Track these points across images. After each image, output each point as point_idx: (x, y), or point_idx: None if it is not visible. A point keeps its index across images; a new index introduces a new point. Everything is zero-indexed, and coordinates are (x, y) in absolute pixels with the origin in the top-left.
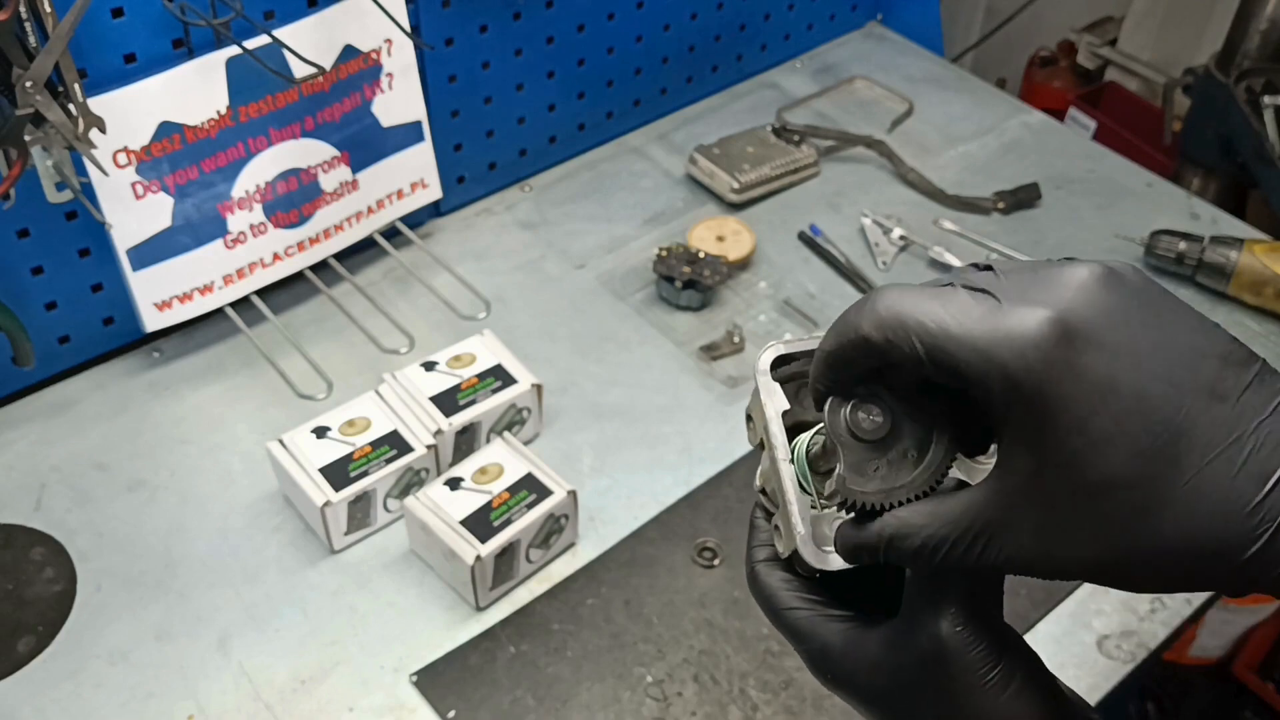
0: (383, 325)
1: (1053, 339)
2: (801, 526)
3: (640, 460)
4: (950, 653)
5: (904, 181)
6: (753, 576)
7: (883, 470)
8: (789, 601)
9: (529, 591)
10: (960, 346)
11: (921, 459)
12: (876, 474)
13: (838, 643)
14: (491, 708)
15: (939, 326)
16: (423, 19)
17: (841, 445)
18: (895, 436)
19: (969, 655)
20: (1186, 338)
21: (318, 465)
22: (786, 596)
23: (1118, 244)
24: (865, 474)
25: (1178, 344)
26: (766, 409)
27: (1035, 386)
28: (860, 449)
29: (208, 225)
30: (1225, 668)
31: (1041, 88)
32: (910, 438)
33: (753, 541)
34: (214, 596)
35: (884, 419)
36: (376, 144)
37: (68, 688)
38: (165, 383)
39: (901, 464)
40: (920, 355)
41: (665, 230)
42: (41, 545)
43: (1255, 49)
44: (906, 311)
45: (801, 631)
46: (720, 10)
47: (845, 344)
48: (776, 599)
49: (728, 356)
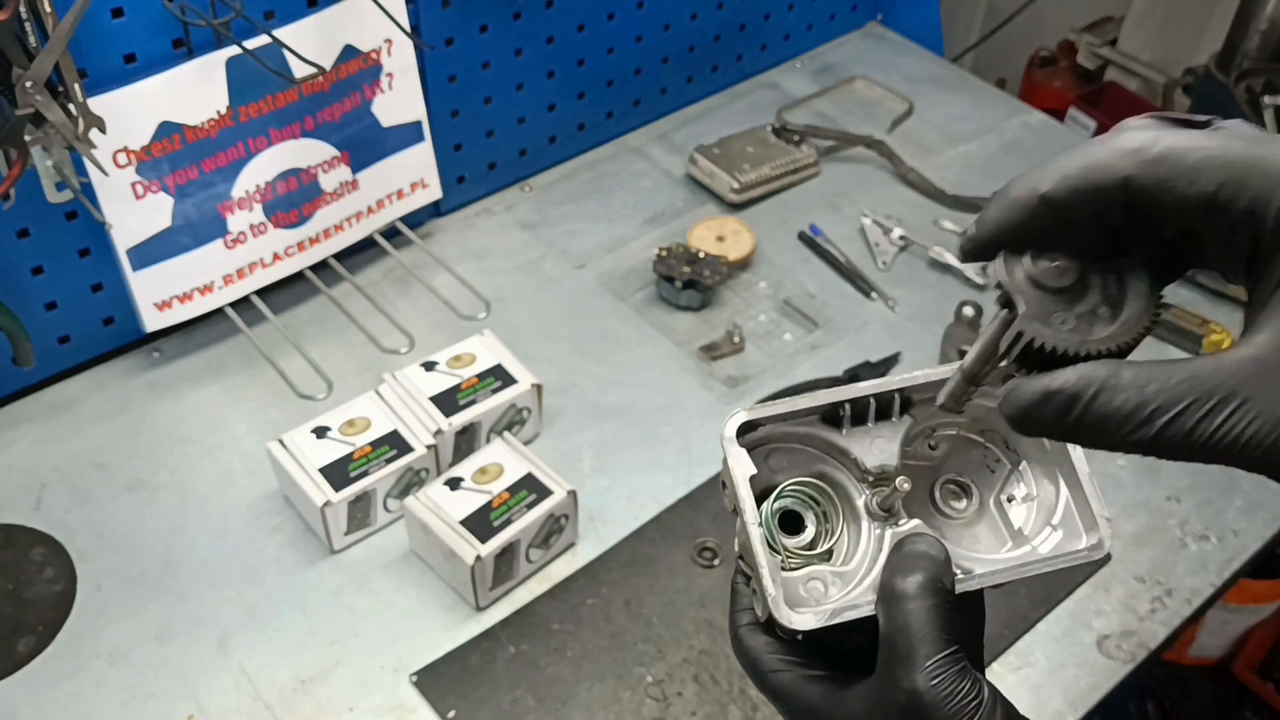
0: (383, 325)
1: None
2: (772, 588)
3: (640, 460)
4: (928, 706)
5: (904, 181)
6: (736, 640)
7: (1070, 323)
8: (771, 664)
9: (529, 591)
10: (1237, 175)
11: (1116, 316)
12: (1064, 327)
13: (820, 702)
14: (491, 708)
15: (1210, 157)
16: (423, 19)
17: (1021, 295)
18: (1081, 289)
19: (947, 708)
20: None
21: (318, 465)
22: (769, 659)
23: None
24: (1051, 325)
25: None
26: (734, 474)
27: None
28: (1043, 299)
29: (208, 225)
30: (1225, 668)
31: (1041, 88)
32: (1099, 293)
33: (735, 606)
34: (214, 596)
35: (1073, 266)
36: (376, 144)
37: (68, 688)
38: (165, 383)
39: (1093, 320)
40: (1197, 192)
41: (665, 230)
42: (41, 545)
43: (1255, 49)
44: (1169, 145)
45: (785, 693)
46: (720, 10)
47: (1068, 187)
48: (760, 662)
49: (728, 356)
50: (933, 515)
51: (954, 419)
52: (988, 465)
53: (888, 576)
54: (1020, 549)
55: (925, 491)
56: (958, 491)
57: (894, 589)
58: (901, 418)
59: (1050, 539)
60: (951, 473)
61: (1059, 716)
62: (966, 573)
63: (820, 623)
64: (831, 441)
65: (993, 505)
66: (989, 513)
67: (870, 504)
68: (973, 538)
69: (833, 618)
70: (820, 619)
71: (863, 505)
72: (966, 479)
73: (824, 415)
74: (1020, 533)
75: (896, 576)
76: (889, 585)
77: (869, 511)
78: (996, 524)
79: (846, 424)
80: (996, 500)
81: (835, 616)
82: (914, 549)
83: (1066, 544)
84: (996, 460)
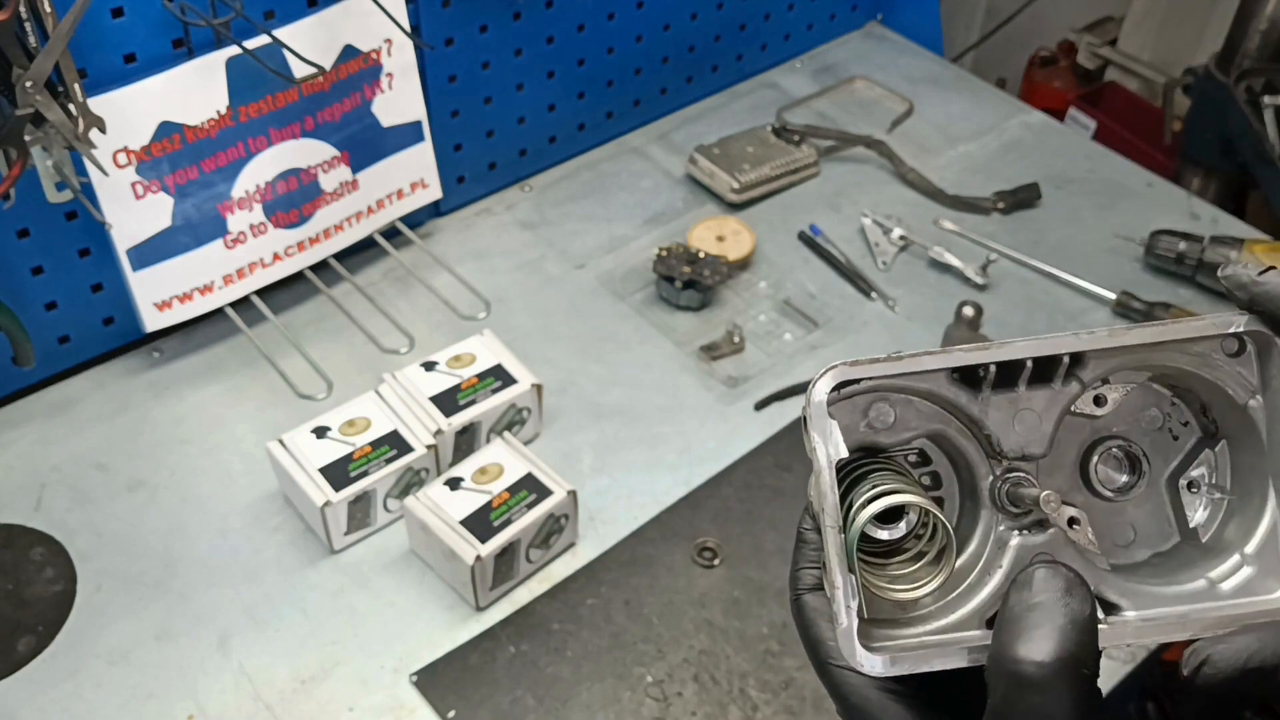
0: (383, 325)
1: None
2: (844, 617)
3: (640, 460)
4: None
5: (904, 181)
6: (798, 607)
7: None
8: (839, 656)
9: (529, 591)
10: None
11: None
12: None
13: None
14: (491, 708)
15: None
16: (423, 19)
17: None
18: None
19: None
20: None
21: (318, 465)
22: (835, 648)
23: (1118, 244)
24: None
25: None
26: (819, 455)
27: None
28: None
29: (208, 225)
30: None
31: (1041, 88)
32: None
33: (799, 560)
34: (214, 596)
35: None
36: (376, 144)
37: (68, 688)
38: (165, 383)
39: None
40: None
41: (665, 230)
42: (41, 545)
43: (1255, 49)
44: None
45: (843, 693)
46: (720, 10)
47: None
48: (824, 648)
49: (728, 356)
50: (1079, 488)
51: (1135, 369)
52: (1170, 429)
53: (1007, 640)
54: (1197, 584)
55: (1076, 457)
56: (1121, 460)
57: (1011, 662)
58: (1065, 385)
59: (1239, 575)
60: (1117, 433)
61: None
62: (1110, 607)
63: (897, 671)
64: (960, 405)
65: (1164, 485)
66: (1157, 494)
67: (998, 492)
68: (1124, 525)
69: (916, 665)
70: (899, 665)
71: (987, 490)
72: (1137, 448)
73: (955, 371)
74: (1195, 534)
75: (1020, 643)
76: (1006, 653)
77: (994, 500)
78: (1164, 510)
79: (987, 388)
80: (1171, 479)
81: (920, 664)
82: (1044, 597)
83: (1258, 585)
84: (1184, 423)
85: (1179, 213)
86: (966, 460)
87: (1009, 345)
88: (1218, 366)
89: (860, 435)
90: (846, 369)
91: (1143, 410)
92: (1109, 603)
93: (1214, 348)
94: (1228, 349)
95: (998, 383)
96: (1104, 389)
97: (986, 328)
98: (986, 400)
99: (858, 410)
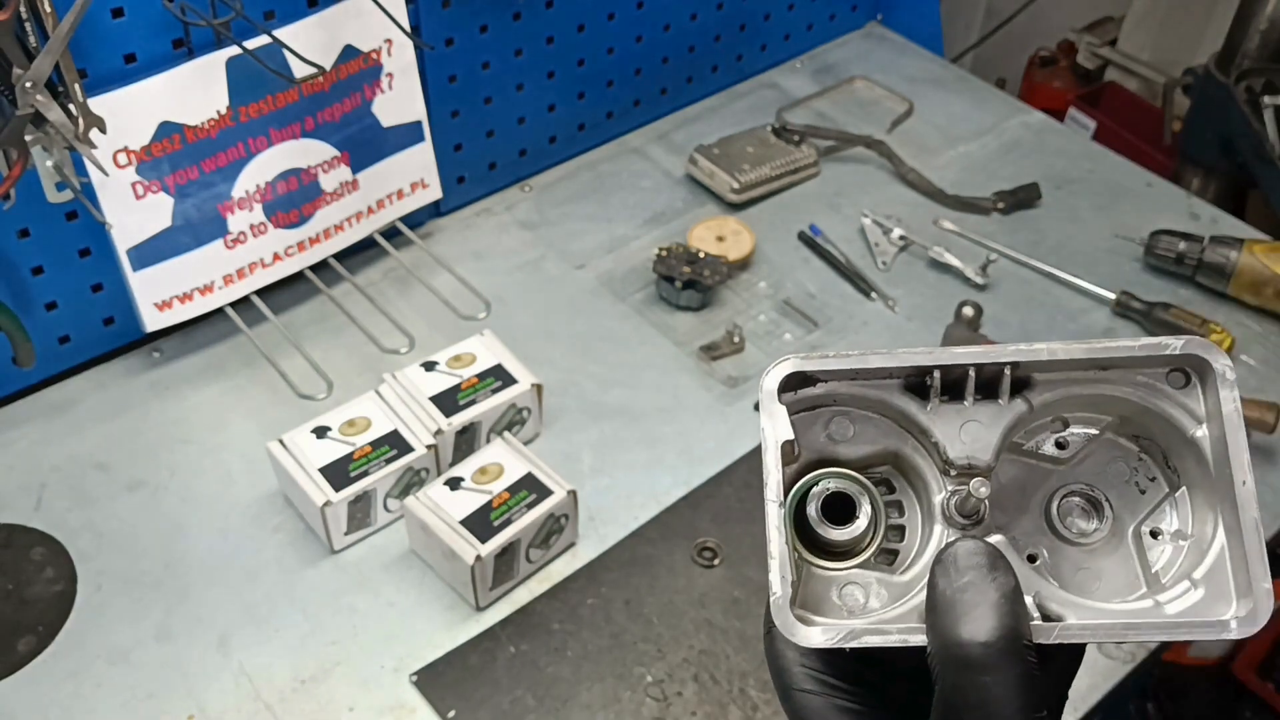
0: (383, 325)
1: None
2: (779, 586)
3: (640, 460)
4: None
5: (904, 181)
6: (768, 639)
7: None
8: (799, 680)
9: (529, 591)
10: None
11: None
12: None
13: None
14: (491, 708)
15: None
16: (423, 19)
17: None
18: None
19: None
20: None
21: (318, 465)
22: (798, 674)
23: (1118, 244)
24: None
25: None
26: (765, 434)
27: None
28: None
29: (208, 225)
30: (1225, 668)
31: (1041, 88)
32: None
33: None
34: (214, 596)
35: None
36: (376, 144)
37: (68, 688)
38: (165, 383)
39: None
40: None
41: (665, 230)
42: (41, 545)
43: (1255, 49)
44: None
45: (807, 718)
46: (720, 10)
47: None
48: (787, 674)
49: (728, 356)
50: (1045, 533)
51: (1096, 413)
52: (1136, 483)
53: (948, 623)
54: (1143, 603)
55: (1041, 501)
56: (1086, 509)
57: (958, 645)
58: (1012, 401)
59: (1187, 597)
60: (1082, 482)
61: None
62: (1054, 618)
63: (829, 642)
64: (911, 416)
65: (1130, 537)
66: (1124, 545)
67: (948, 506)
68: (1092, 573)
69: (849, 639)
70: (830, 637)
71: (940, 505)
72: (1101, 494)
73: (906, 381)
74: (1158, 579)
75: (962, 625)
76: (950, 637)
77: (945, 515)
78: (1130, 561)
79: (934, 396)
80: (1137, 531)
81: (853, 638)
82: (974, 574)
83: (1206, 608)
84: (1150, 479)
85: (1179, 213)
86: (922, 479)
87: (951, 351)
88: (1166, 398)
89: (821, 446)
90: (799, 361)
91: (1109, 464)
92: (1051, 614)
93: (1159, 377)
94: (1174, 383)
95: (946, 394)
96: (1065, 433)
97: (986, 328)
98: (935, 410)
99: (820, 422)
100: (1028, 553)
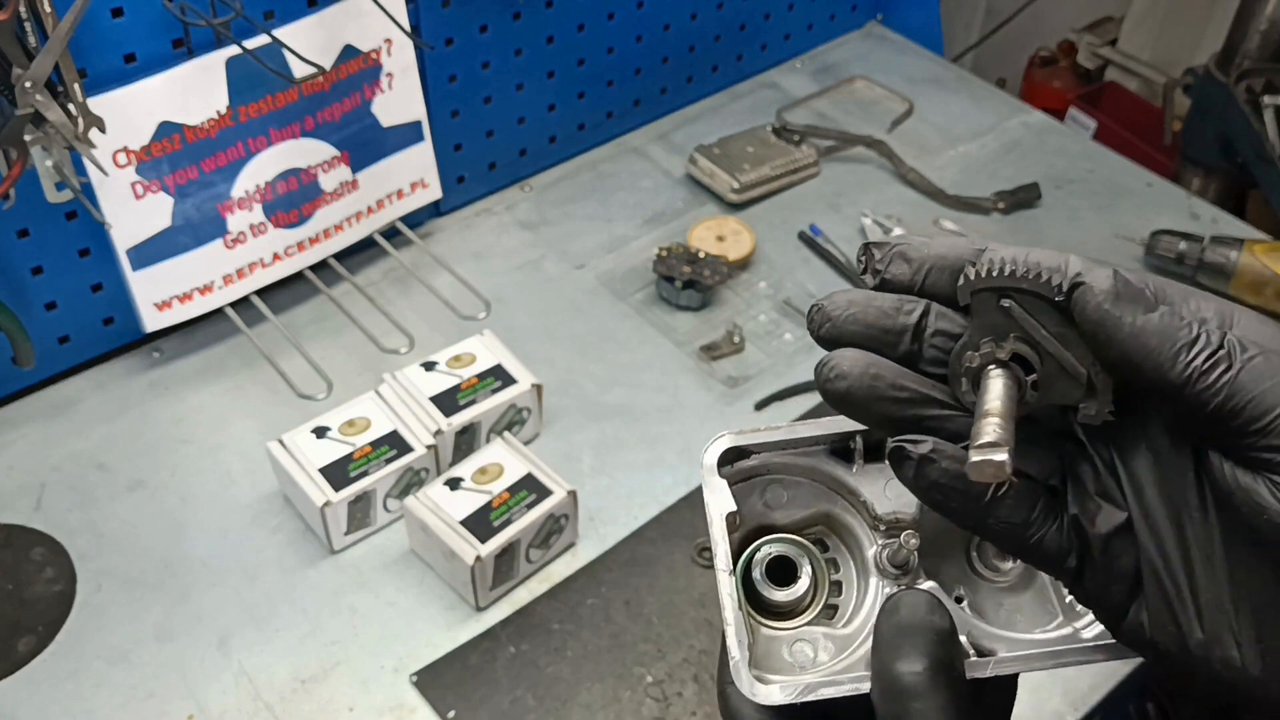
0: (383, 325)
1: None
2: (736, 650)
3: (640, 460)
4: None
5: (904, 181)
6: (722, 699)
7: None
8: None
9: (529, 591)
10: None
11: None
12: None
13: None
14: (491, 708)
15: None
16: (423, 19)
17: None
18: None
19: None
20: None
21: (318, 465)
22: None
23: (1118, 244)
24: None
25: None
26: (709, 509)
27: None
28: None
29: (208, 225)
30: None
31: (1041, 88)
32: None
33: (725, 658)
34: (214, 596)
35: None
36: (376, 144)
37: (68, 688)
38: (165, 383)
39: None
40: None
41: (665, 230)
42: (41, 545)
43: (1255, 49)
44: None
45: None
46: (720, 10)
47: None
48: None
49: (728, 356)
50: (967, 576)
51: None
52: None
53: (886, 660)
54: (1063, 630)
55: (961, 547)
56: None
57: (893, 678)
58: None
59: (1098, 625)
60: None
61: (1059, 716)
62: (987, 653)
63: (789, 699)
64: (839, 479)
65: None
66: (1038, 579)
67: (880, 558)
68: (1012, 608)
69: (806, 693)
70: (789, 694)
71: (872, 558)
72: None
73: (832, 447)
74: (1072, 608)
75: (898, 660)
76: (887, 671)
77: (879, 567)
78: (1046, 595)
79: (859, 459)
80: None
81: (810, 692)
82: (911, 617)
83: None
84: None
85: (1179, 213)
86: (854, 536)
87: (848, 421)
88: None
89: (760, 514)
90: (734, 437)
91: None
92: (985, 650)
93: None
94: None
95: (868, 456)
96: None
97: None
98: (861, 471)
99: (756, 491)
100: (955, 594)
